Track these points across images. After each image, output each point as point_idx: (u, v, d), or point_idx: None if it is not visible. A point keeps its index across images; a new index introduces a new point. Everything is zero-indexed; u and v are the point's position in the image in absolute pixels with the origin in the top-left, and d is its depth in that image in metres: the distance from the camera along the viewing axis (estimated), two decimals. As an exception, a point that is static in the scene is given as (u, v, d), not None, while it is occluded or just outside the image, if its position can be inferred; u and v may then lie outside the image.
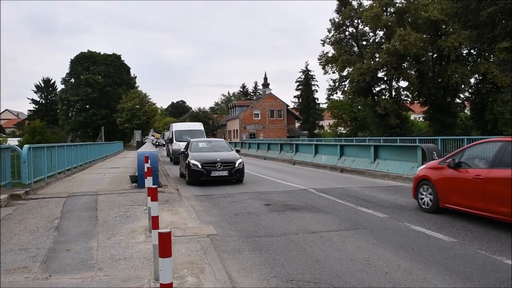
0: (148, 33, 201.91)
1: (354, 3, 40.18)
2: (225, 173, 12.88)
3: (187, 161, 13.45)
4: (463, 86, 35.50)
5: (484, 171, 7.14)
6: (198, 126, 27.40)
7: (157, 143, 64.98)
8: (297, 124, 71.79)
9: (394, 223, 7.30)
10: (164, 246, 2.77)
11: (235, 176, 13.16)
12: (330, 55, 41.34)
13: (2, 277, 4.63)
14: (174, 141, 24.77)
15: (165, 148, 39.41)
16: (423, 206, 8.54)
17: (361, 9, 38.84)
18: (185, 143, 22.54)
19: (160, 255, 2.78)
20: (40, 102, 75.94)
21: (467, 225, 7.05)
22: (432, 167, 8.68)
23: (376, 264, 5.09)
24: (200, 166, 12.86)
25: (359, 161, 16.94)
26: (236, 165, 13.12)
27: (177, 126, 27.23)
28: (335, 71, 41.36)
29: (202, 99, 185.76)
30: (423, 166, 9.31)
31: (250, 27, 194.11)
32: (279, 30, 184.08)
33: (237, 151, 14.97)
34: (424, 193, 8.57)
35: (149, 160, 9.69)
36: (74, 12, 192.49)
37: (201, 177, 12.92)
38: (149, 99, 64.33)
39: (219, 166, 12.85)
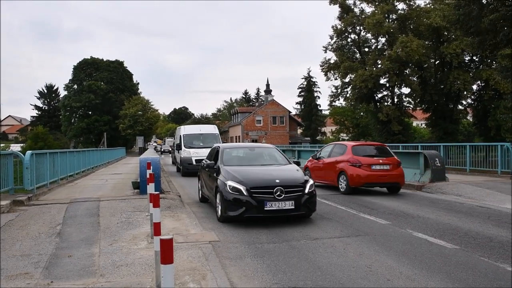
0: (150, 39, 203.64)
1: (356, 10, 40.25)
2: (289, 204, 7.57)
3: (218, 181, 8.29)
4: (465, 92, 35.39)
5: (325, 159, 13.43)
6: (212, 129, 22.96)
7: (161, 150, 64.49)
8: (299, 131, 71.82)
9: (397, 230, 7.28)
10: (166, 253, 2.77)
11: (304, 209, 7.83)
12: (332, 61, 41.39)
13: (3, 284, 4.64)
14: (183, 147, 20.70)
15: (170, 155, 36.55)
16: None
17: (363, 16, 38.88)
18: (196, 150, 19.66)
19: (162, 261, 2.78)
20: (43, 108, 76.34)
21: (469, 232, 7.03)
22: (310, 160, 14.63)
23: (378, 271, 5.07)
24: (245, 193, 7.59)
25: (361, 167, 17.02)
26: (306, 191, 7.87)
27: (186, 130, 22.61)
28: (337, 77, 41.36)
29: (205, 105, 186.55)
30: (308, 159, 15.05)
31: (252, 32, 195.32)
32: (281, 36, 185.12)
33: (297, 163, 9.66)
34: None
35: (151, 167, 9.71)
36: (77, 18, 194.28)
37: (247, 212, 7.56)
38: (152, 105, 64.70)
39: (278, 192, 7.56)
